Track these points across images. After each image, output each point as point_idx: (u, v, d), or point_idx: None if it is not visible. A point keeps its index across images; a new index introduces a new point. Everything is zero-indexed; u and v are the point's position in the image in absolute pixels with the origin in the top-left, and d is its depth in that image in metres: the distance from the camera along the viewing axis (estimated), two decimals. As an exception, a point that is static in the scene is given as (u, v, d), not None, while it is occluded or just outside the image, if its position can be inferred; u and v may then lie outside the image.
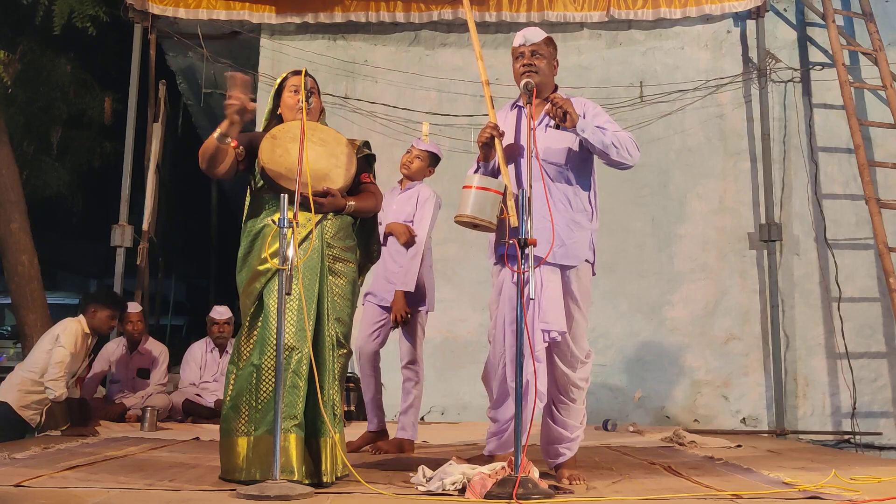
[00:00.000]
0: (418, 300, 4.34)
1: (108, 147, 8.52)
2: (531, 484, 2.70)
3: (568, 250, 3.20)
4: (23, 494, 2.70)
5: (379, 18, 6.79)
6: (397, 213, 4.37)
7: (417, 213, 4.34)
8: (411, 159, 4.45)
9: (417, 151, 4.47)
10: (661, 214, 6.62)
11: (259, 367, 3.02)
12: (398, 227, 4.31)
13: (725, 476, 3.41)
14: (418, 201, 4.36)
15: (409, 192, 4.42)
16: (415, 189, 4.42)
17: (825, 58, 6.72)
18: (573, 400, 3.30)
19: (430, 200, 4.36)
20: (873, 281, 6.43)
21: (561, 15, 6.72)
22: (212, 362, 6.09)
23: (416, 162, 4.44)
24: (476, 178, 3.10)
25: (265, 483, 2.72)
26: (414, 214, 4.34)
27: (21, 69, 7.15)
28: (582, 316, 3.28)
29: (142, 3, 6.75)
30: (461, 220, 3.08)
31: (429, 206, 4.35)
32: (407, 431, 4.29)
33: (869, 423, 6.30)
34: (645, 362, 6.43)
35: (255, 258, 3.15)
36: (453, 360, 6.44)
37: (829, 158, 6.65)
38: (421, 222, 4.33)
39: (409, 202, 4.39)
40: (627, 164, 3.27)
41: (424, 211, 4.34)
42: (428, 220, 4.35)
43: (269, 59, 6.85)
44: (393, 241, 4.33)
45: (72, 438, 4.42)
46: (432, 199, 4.37)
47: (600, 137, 3.16)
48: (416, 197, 4.38)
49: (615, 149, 3.18)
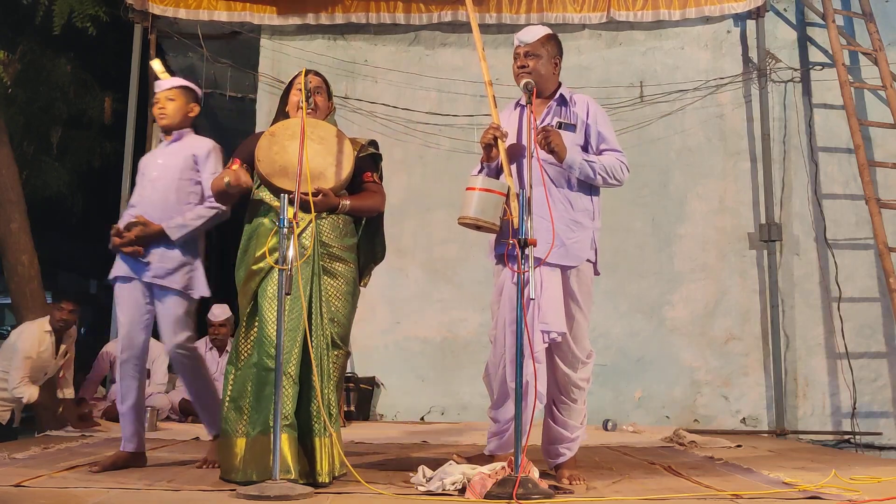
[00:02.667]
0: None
1: (108, 147, 8.51)
2: (531, 484, 2.70)
3: (568, 250, 3.20)
4: (23, 494, 2.71)
5: (379, 19, 6.79)
6: (165, 167, 3.56)
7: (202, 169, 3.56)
8: (162, 105, 3.58)
9: (164, 93, 3.61)
10: (661, 214, 6.62)
11: (255, 366, 3.02)
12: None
13: (725, 476, 3.41)
14: (197, 158, 3.57)
15: (178, 145, 3.62)
16: (186, 140, 3.63)
17: (825, 58, 6.72)
18: (574, 400, 3.30)
19: (214, 152, 3.60)
20: (873, 281, 6.43)
21: (561, 16, 6.72)
22: (210, 362, 6.08)
23: (168, 105, 3.58)
24: (479, 180, 3.10)
25: (265, 483, 2.72)
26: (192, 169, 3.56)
27: (21, 69, 7.15)
28: (583, 316, 3.27)
29: (142, 3, 6.74)
30: (464, 221, 3.08)
31: (213, 158, 3.58)
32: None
33: (869, 423, 6.30)
34: (645, 362, 6.43)
35: (250, 257, 3.15)
36: (453, 360, 6.43)
37: (829, 158, 6.65)
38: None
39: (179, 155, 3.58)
40: (615, 185, 3.33)
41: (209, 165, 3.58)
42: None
43: (269, 60, 6.85)
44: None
45: (72, 438, 4.43)
46: (216, 151, 3.61)
47: (587, 172, 3.22)
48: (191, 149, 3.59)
49: (602, 179, 3.25)
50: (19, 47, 7.26)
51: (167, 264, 3.44)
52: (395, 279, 6.47)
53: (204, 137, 3.69)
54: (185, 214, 3.46)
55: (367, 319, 6.22)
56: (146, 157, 3.80)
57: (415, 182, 6.68)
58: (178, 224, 3.43)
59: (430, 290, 6.56)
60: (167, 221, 3.42)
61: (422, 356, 6.47)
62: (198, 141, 3.64)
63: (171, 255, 3.44)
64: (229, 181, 3.12)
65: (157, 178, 3.55)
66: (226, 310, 6.17)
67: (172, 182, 3.52)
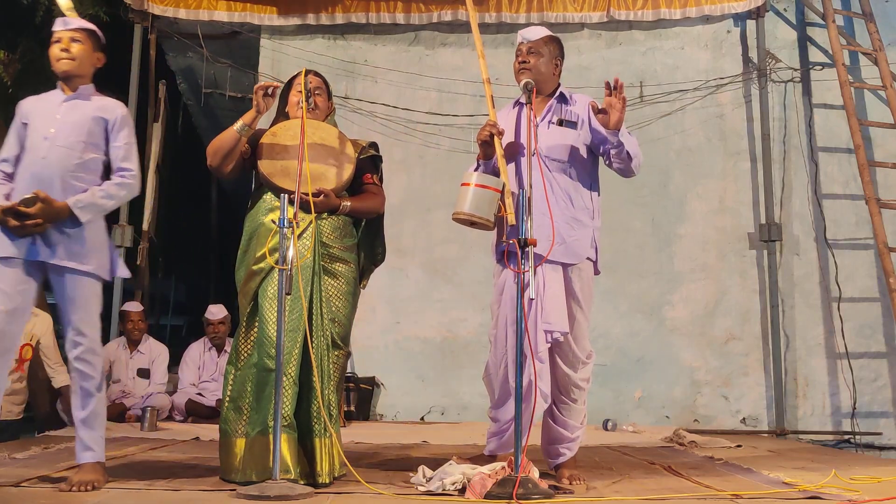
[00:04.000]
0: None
1: (107, 147, 8.51)
2: (531, 484, 2.70)
3: (568, 248, 3.20)
4: (23, 494, 2.70)
5: (379, 19, 6.79)
6: (68, 125, 2.96)
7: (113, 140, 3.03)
8: (66, 45, 3.00)
9: (69, 32, 3.03)
10: (661, 214, 6.62)
11: (255, 367, 3.02)
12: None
13: (725, 476, 3.41)
14: (108, 122, 3.03)
15: (83, 102, 3.03)
16: (95, 99, 3.07)
17: (825, 58, 6.72)
18: (574, 400, 3.30)
19: (129, 120, 3.11)
20: (873, 281, 6.43)
21: (561, 16, 6.72)
22: (210, 362, 6.09)
23: (74, 46, 3.01)
24: (474, 176, 3.10)
25: (265, 483, 2.72)
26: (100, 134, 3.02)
27: (21, 69, 7.14)
28: (584, 316, 3.27)
29: (142, 3, 6.75)
30: (458, 217, 3.07)
31: (128, 127, 3.08)
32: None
33: (869, 423, 6.30)
34: (645, 362, 6.43)
35: (250, 257, 3.15)
36: (453, 360, 6.43)
37: (829, 158, 6.65)
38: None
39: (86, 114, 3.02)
40: (634, 173, 3.29)
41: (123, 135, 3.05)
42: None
43: (269, 60, 6.84)
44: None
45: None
46: (130, 119, 3.13)
47: (634, 147, 3.18)
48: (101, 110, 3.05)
49: (638, 159, 3.21)
50: (19, 47, 7.26)
51: (74, 244, 2.88)
52: (395, 279, 6.47)
53: (113, 99, 3.11)
54: (92, 191, 2.91)
55: (367, 319, 6.23)
56: (31, 102, 3.05)
57: (415, 182, 6.68)
58: (88, 203, 2.88)
59: (430, 290, 6.56)
60: (72, 197, 2.86)
61: (422, 356, 6.47)
62: (108, 102, 3.06)
63: (76, 231, 2.88)
64: (244, 123, 3.07)
65: (56, 136, 2.92)
66: (222, 309, 6.18)
67: (76, 144, 2.93)
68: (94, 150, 2.97)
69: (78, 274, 2.87)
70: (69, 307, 2.87)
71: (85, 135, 2.95)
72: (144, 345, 5.94)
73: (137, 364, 5.89)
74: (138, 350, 5.90)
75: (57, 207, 2.82)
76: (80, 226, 2.87)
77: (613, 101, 3.07)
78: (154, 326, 9.50)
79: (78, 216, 2.85)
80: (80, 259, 2.88)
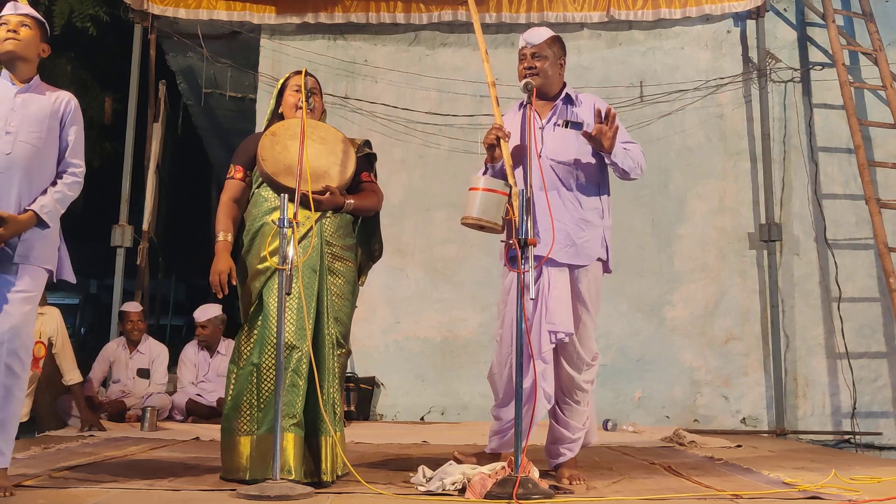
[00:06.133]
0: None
1: (108, 147, 8.51)
2: (531, 484, 2.70)
3: (578, 250, 3.21)
4: (23, 494, 2.70)
5: (379, 19, 6.79)
6: (29, 120, 2.87)
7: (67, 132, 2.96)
8: (14, 27, 2.89)
9: (18, 17, 2.91)
10: (661, 214, 6.62)
11: (259, 366, 3.03)
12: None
13: (725, 476, 3.41)
14: (63, 115, 2.94)
15: (37, 95, 2.92)
16: (47, 91, 2.97)
17: (825, 58, 6.72)
18: (577, 402, 3.30)
19: (78, 108, 3.02)
20: (873, 281, 6.43)
21: (561, 15, 6.72)
22: (203, 363, 6.07)
23: (22, 30, 2.89)
24: (482, 181, 3.11)
25: (265, 483, 2.72)
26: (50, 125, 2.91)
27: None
28: (590, 318, 3.27)
29: (142, 3, 6.75)
30: (467, 221, 3.09)
31: (78, 115, 3.01)
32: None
33: (869, 423, 6.30)
34: (645, 362, 6.43)
35: (254, 257, 3.15)
36: (453, 360, 6.43)
37: (829, 158, 6.65)
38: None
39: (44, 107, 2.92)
40: (636, 178, 3.34)
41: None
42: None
43: (269, 59, 6.84)
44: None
45: (72, 438, 4.43)
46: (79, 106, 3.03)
47: (629, 163, 3.24)
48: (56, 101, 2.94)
49: (637, 169, 3.28)
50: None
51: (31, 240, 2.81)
52: (395, 279, 6.47)
53: (63, 90, 3.01)
54: (51, 193, 2.85)
55: (367, 319, 6.22)
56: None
57: (415, 182, 6.68)
58: (52, 208, 2.84)
59: (430, 289, 6.55)
60: (36, 203, 2.80)
61: (422, 356, 6.47)
62: (59, 92, 2.97)
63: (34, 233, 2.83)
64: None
65: (18, 131, 2.81)
66: (207, 310, 6.07)
67: (37, 140, 2.84)
68: (51, 144, 2.89)
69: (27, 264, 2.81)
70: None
71: (45, 130, 2.87)
72: (144, 345, 5.93)
73: (137, 364, 5.88)
74: (138, 350, 5.90)
75: (22, 221, 2.76)
76: (47, 229, 2.84)
77: (604, 130, 3.12)
78: (154, 327, 9.48)
79: (46, 221, 2.82)
80: (31, 254, 2.83)
